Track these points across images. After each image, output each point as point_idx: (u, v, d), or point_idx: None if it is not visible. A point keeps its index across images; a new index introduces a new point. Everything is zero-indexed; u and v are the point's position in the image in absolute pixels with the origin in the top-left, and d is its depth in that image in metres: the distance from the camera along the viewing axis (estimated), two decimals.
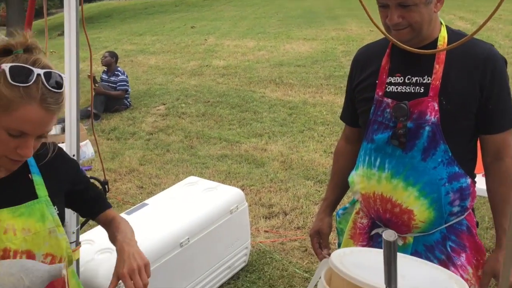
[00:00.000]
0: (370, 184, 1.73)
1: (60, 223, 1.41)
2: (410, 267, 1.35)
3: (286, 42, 12.26)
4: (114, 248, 2.80)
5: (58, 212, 1.41)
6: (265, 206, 4.46)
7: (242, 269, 3.47)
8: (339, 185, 2.03)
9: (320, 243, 2.02)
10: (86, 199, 1.59)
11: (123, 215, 3.13)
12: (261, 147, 5.96)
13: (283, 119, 6.88)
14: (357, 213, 1.87)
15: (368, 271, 1.29)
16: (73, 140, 2.27)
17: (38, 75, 1.20)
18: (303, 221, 4.16)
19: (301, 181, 4.94)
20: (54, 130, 5.39)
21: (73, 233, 2.25)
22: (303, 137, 6.19)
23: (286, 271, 3.47)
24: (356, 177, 1.81)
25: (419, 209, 1.63)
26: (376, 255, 1.47)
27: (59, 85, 1.24)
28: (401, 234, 1.69)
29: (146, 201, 3.32)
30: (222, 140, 6.28)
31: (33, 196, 1.37)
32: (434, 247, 1.67)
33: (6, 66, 1.18)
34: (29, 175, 1.39)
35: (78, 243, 2.32)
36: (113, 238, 1.56)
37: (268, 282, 3.35)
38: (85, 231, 2.99)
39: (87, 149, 6.04)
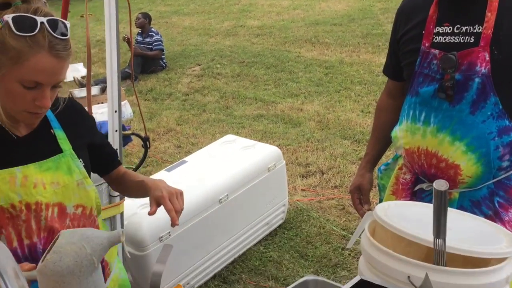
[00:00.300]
0: (414, 139, 1.69)
1: (87, 175, 1.43)
2: (457, 220, 1.33)
3: (322, 0, 11.95)
4: None
5: (83, 164, 1.43)
6: (302, 165, 4.46)
7: (279, 226, 3.51)
8: (380, 141, 2.00)
9: (361, 199, 2.00)
10: (104, 154, 1.61)
11: (162, 172, 3.19)
12: (297, 107, 5.91)
13: (319, 79, 6.79)
14: (400, 168, 1.84)
15: (413, 223, 1.28)
16: (115, 100, 2.29)
17: (42, 23, 1.18)
18: (341, 180, 4.15)
19: (338, 141, 4.91)
20: (94, 90, 5.48)
21: None
22: (340, 96, 6.11)
23: (324, 228, 3.49)
24: (399, 132, 1.77)
25: (466, 164, 1.59)
26: (421, 208, 1.46)
27: (65, 31, 1.23)
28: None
29: (185, 159, 3.37)
30: (258, 100, 6.26)
31: (58, 150, 1.38)
32: (481, 203, 1.63)
33: (8, 17, 1.17)
34: (51, 130, 1.40)
35: (122, 197, 2.38)
36: (135, 183, 1.56)
37: (305, 239, 3.39)
38: None
39: (126, 110, 6.11)
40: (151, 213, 1.41)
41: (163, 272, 1.34)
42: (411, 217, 1.33)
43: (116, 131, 2.27)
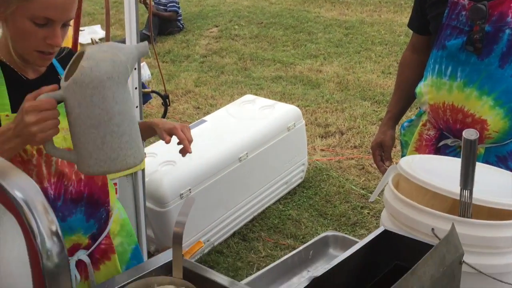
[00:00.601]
0: (439, 94, 1.66)
1: None
2: (483, 173, 1.31)
3: None
4: (176, 160, 2.88)
5: None
6: (321, 125, 4.43)
7: (298, 185, 3.52)
8: (403, 97, 1.97)
9: (382, 156, 1.99)
10: None
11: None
12: (316, 68, 5.83)
13: (338, 40, 6.66)
14: (424, 125, 1.81)
15: (438, 176, 1.26)
16: (134, 67, 2.27)
17: None
18: (360, 140, 4.12)
19: (358, 102, 4.85)
20: None
21: None
22: (360, 57, 6.00)
23: (343, 187, 3.49)
24: (424, 87, 1.74)
25: (494, 119, 1.55)
26: (446, 162, 1.44)
27: None
28: None
29: (204, 118, 3.37)
30: (276, 62, 6.18)
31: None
32: (507, 158, 1.60)
33: None
34: (58, 76, 1.38)
35: None
36: (141, 124, 1.49)
37: (324, 198, 3.40)
38: (148, 145, 3.09)
39: (144, 71, 6.09)
40: (168, 141, 1.40)
41: (185, 223, 1.36)
42: (436, 170, 1.32)
43: (135, 88, 2.26)
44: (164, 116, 2.56)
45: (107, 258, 1.51)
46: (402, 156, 2.02)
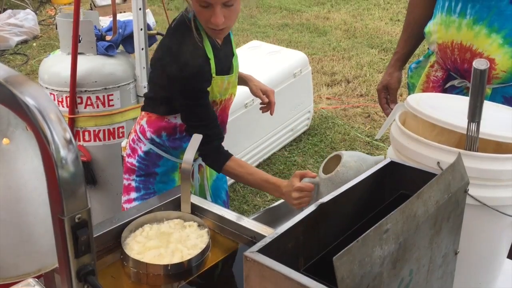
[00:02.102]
0: (448, 33, 1.63)
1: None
2: (490, 110, 1.30)
3: None
4: None
5: None
6: (328, 74, 4.40)
7: (304, 133, 3.53)
8: (412, 38, 1.93)
9: (387, 98, 1.98)
10: None
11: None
12: (323, 15, 5.73)
13: None
14: (431, 66, 1.79)
15: (445, 113, 1.26)
16: (139, 7, 2.23)
17: None
18: (366, 89, 4.10)
19: (365, 50, 4.79)
20: None
21: (144, 87, 2.33)
22: (368, 4, 5.87)
23: (348, 135, 3.50)
24: (433, 26, 1.70)
25: (502, 58, 1.53)
26: (453, 100, 1.43)
27: None
28: None
29: None
30: (283, 9, 6.07)
31: (232, 70, 1.64)
32: None
33: None
34: (232, 49, 1.67)
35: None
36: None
37: (329, 145, 3.41)
38: None
39: (149, 19, 6.03)
40: (265, 100, 1.83)
41: (193, 158, 1.38)
42: (443, 108, 1.32)
43: (141, 29, 2.24)
44: None
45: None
46: None
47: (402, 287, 0.82)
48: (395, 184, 1.03)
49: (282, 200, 1.70)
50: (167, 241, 1.29)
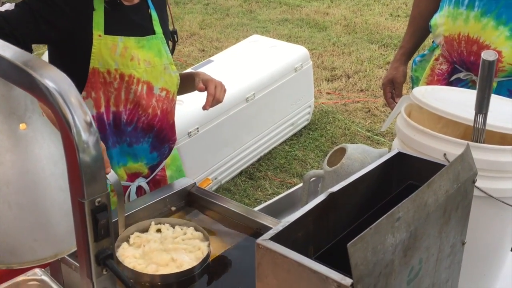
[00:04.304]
0: (455, 25, 1.63)
1: (172, 61, 1.48)
2: (496, 103, 1.31)
3: None
4: (183, 99, 2.88)
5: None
6: (328, 69, 4.40)
7: (304, 127, 3.53)
8: (417, 32, 1.93)
9: (393, 93, 1.98)
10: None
11: (188, 70, 3.19)
12: (323, 10, 5.72)
13: None
14: (436, 59, 1.80)
15: (451, 105, 1.27)
16: None
17: None
18: (367, 84, 4.10)
19: (365, 45, 4.79)
20: None
21: None
22: (368, 0, 5.87)
23: (349, 130, 3.51)
24: (439, 18, 1.71)
25: (509, 50, 1.54)
26: (459, 93, 1.44)
27: None
28: None
29: (211, 58, 3.35)
30: (282, 4, 6.06)
31: (151, 31, 1.43)
32: None
33: None
34: (149, 10, 1.45)
35: None
36: (183, 75, 1.58)
37: (330, 139, 3.42)
38: None
39: None
40: (200, 88, 1.46)
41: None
42: (449, 100, 1.32)
43: None
44: (172, 52, 2.53)
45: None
46: None
47: (412, 276, 0.82)
48: (403, 175, 1.03)
49: (284, 194, 1.70)
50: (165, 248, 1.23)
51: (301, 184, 1.73)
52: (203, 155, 2.79)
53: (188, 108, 2.78)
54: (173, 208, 1.42)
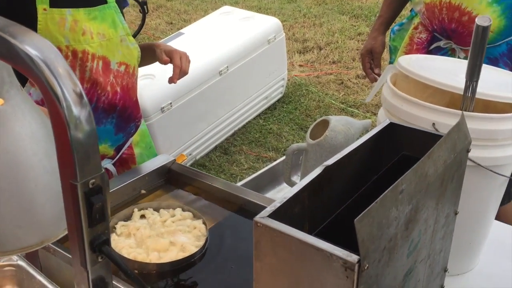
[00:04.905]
0: None
1: (129, 32, 1.37)
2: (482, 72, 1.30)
3: None
4: (155, 74, 2.79)
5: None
6: (299, 41, 4.35)
7: (278, 100, 3.50)
8: (396, 1, 1.91)
9: (371, 63, 1.96)
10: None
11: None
12: None
13: None
14: (415, 28, 1.77)
15: (438, 73, 1.25)
16: None
17: None
18: (339, 55, 4.08)
19: (336, 16, 4.75)
20: None
21: None
22: None
23: (322, 102, 3.49)
24: None
25: (490, 17, 1.52)
26: (444, 62, 1.42)
27: None
28: (464, 47, 1.61)
29: (181, 31, 3.25)
30: None
31: (103, 0, 1.31)
32: (499, 60, 1.60)
33: None
34: None
35: None
36: (142, 46, 1.49)
37: (304, 112, 3.40)
38: None
39: None
40: (165, 61, 1.36)
41: None
42: (435, 68, 1.30)
43: None
44: (142, 24, 2.43)
45: (127, 167, 1.50)
46: (390, 62, 2.00)
47: (411, 248, 0.81)
48: (395, 146, 1.01)
49: (265, 169, 1.67)
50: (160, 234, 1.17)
51: (281, 159, 1.71)
52: (177, 131, 2.73)
53: (160, 83, 2.70)
54: (151, 187, 1.36)
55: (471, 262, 1.31)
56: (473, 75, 1.03)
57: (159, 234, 1.14)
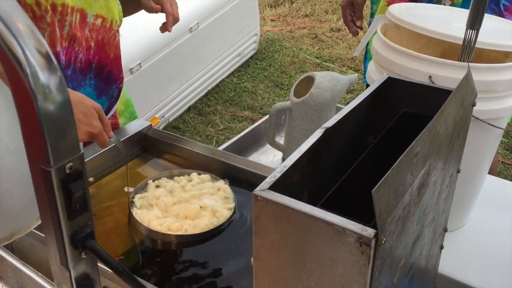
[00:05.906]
0: None
1: None
2: (463, 18, 1.22)
3: None
4: (121, 32, 2.64)
5: None
6: None
7: (252, 57, 3.38)
8: None
9: (352, 15, 1.86)
10: None
11: None
12: None
13: None
14: None
15: (431, 22, 1.17)
16: None
17: None
18: (311, 8, 3.95)
19: None
20: None
21: None
22: None
23: (297, 57, 3.39)
24: None
25: None
26: (434, 10, 1.34)
27: None
28: None
29: None
30: None
31: None
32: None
33: None
34: None
35: None
36: None
37: (279, 69, 3.30)
38: None
39: None
40: (157, 9, 1.27)
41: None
42: (427, 17, 1.22)
43: None
44: None
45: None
46: (371, 13, 1.92)
47: (420, 214, 0.75)
48: (394, 102, 0.94)
49: (247, 130, 1.59)
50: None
51: (264, 119, 1.62)
52: (147, 93, 2.60)
53: (126, 42, 2.53)
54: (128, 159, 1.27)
55: (464, 218, 1.28)
56: (474, 23, 0.96)
57: (184, 200, 1.08)
